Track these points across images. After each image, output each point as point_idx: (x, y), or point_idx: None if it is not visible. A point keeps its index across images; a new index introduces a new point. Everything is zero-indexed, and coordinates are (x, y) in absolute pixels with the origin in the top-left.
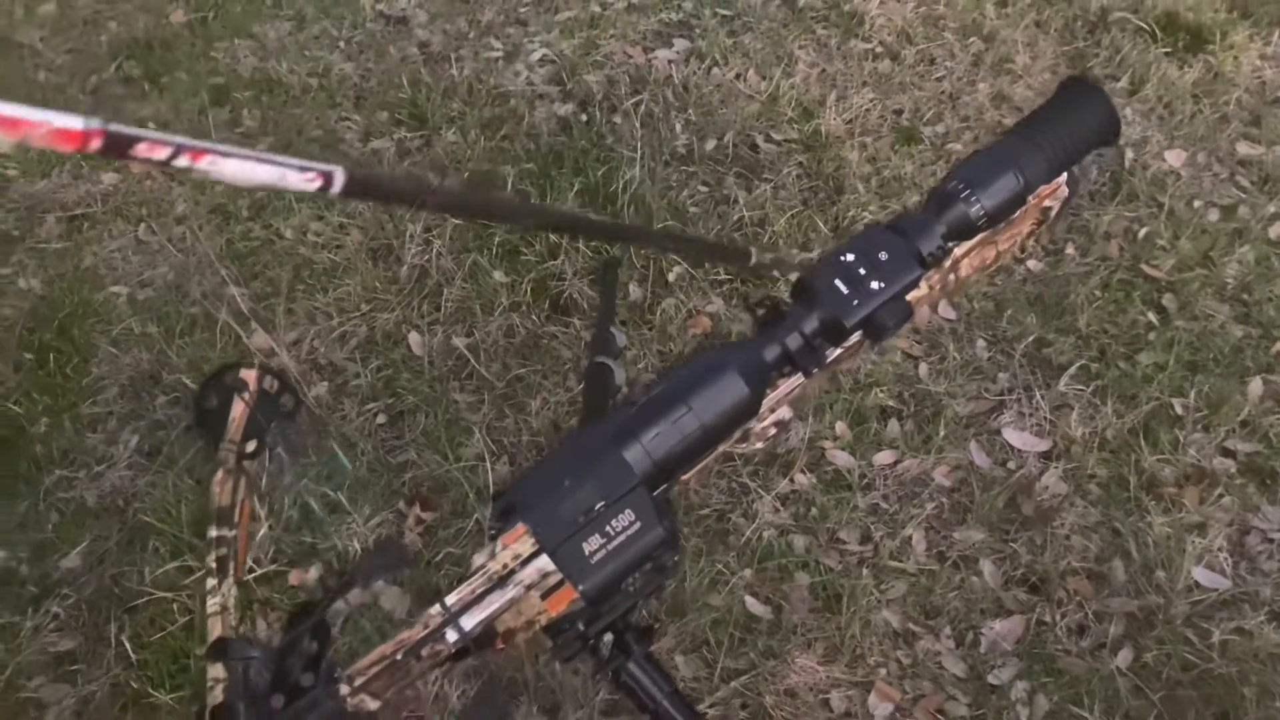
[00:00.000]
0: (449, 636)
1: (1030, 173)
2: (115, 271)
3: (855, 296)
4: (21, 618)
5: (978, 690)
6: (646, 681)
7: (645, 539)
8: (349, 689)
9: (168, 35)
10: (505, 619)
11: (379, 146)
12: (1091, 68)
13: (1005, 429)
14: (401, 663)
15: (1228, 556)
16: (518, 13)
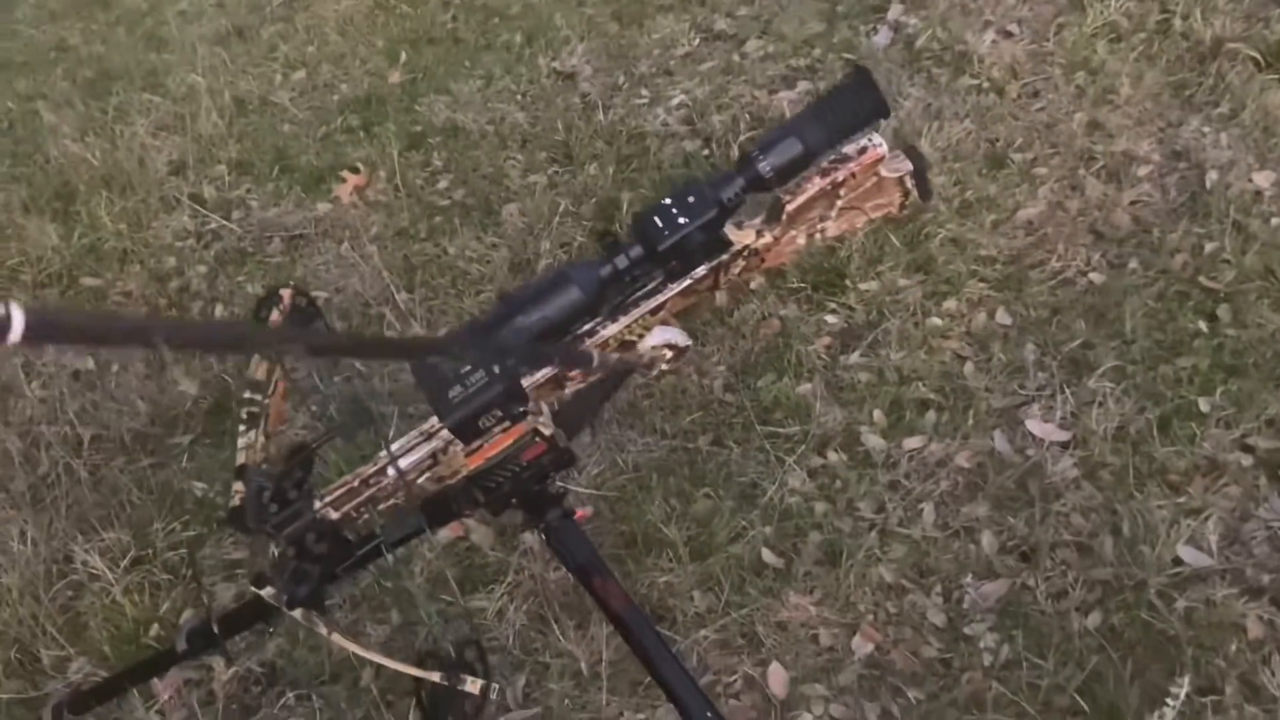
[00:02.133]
0: (389, 473)
1: (810, 140)
2: (320, 280)
3: (666, 229)
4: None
5: (952, 638)
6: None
7: (492, 389)
8: (320, 503)
9: (384, 92)
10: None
11: (535, 180)
12: (1193, 95)
13: (1029, 420)
14: (357, 489)
15: (1219, 539)
16: (667, 65)
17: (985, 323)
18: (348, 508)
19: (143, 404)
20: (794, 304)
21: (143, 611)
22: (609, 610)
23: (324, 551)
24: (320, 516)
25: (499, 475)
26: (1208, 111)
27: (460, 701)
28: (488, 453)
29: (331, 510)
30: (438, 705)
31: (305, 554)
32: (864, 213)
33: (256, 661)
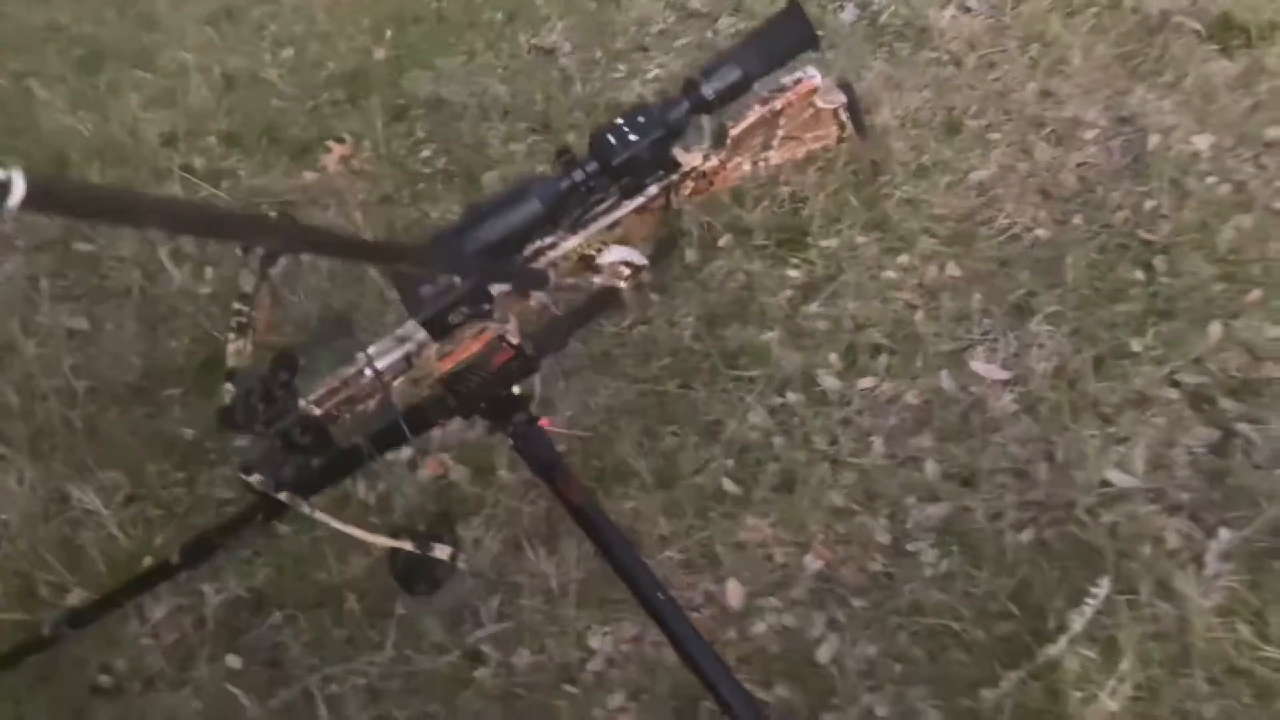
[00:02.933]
0: (367, 374)
1: (748, 66)
2: None
3: (620, 146)
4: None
5: (896, 555)
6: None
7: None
8: (305, 401)
9: (370, 68)
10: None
11: (515, 148)
12: (1139, 65)
13: (973, 361)
14: (338, 388)
15: (1145, 463)
16: (643, 41)
17: (936, 275)
18: (329, 405)
19: (136, 359)
20: (759, 260)
21: (137, 545)
22: (569, 505)
23: (309, 443)
24: (304, 413)
25: (469, 379)
26: (1152, 80)
27: (431, 568)
28: (458, 356)
29: (315, 407)
30: (411, 573)
31: (291, 445)
32: (804, 143)
33: (245, 588)
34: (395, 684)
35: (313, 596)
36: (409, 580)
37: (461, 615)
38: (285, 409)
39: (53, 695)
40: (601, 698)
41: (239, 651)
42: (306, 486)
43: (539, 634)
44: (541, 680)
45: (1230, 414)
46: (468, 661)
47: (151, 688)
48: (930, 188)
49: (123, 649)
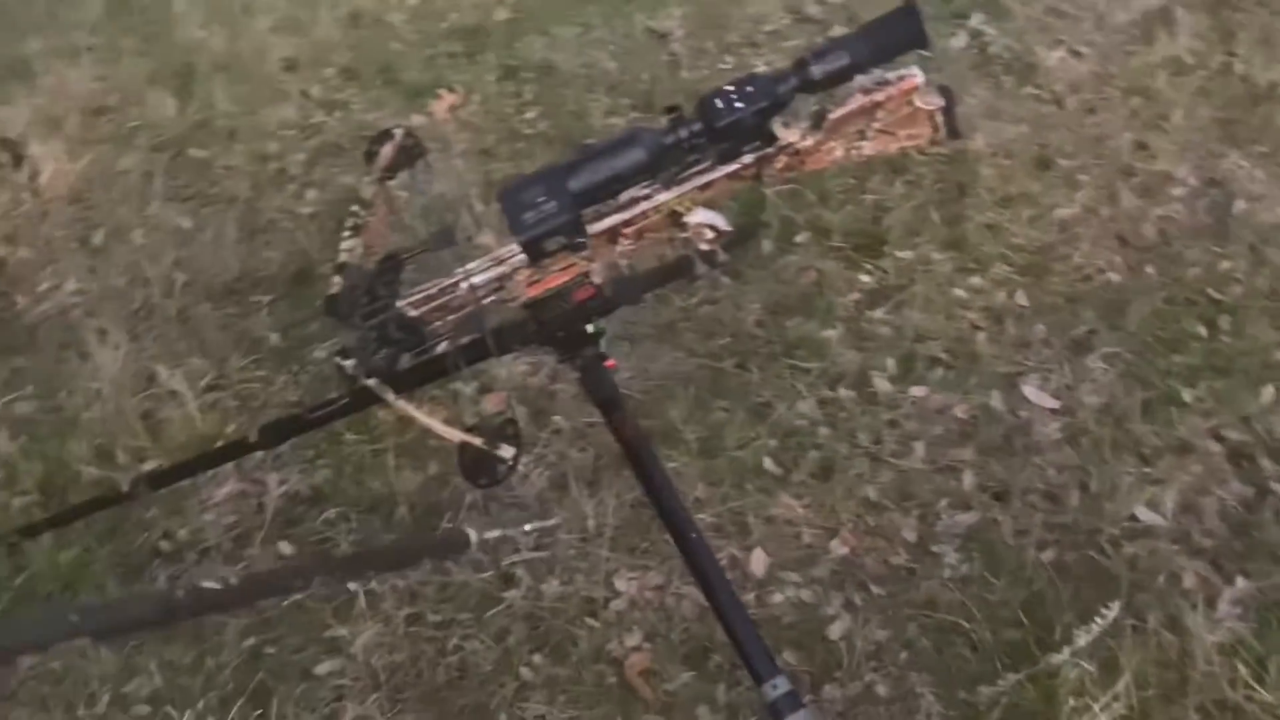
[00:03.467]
0: (462, 286)
1: (856, 54)
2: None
3: (726, 111)
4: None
5: (920, 553)
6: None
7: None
8: (404, 302)
9: (489, 26)
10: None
11: (614, 122)
12: (1238, 132)
13: (1026, 386)
14: (435, 295)
15: (1175, 506)
16: (755, 38)
17: (1004, 301)
18: (425, 309)
19: (234, 262)
20: (834, 260)
21: (212, 428)
22: (621, 438)
23: (401, 339)
24: (401, 312)
25: (551, 308)
26: (1249, 148)
27: (494, 465)
28: (545, 285)
29: (412, 309)
30: (477, 466)
31: (385, 339)
32: (897, 139)
33: (306, 484)
34: (431, 590)
35: (366, 501)
36: (473, 472)
37: (500, 542)
38: (385, 306)
39: (118, 550)
40: (619, 634)
41: (291, 540)
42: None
43: (570, 568)
44: (566, 609)
45: (1268, 474)
46: (500, 581)
47: (206, 558)
48: (1013, 217)
49: (185, 520)
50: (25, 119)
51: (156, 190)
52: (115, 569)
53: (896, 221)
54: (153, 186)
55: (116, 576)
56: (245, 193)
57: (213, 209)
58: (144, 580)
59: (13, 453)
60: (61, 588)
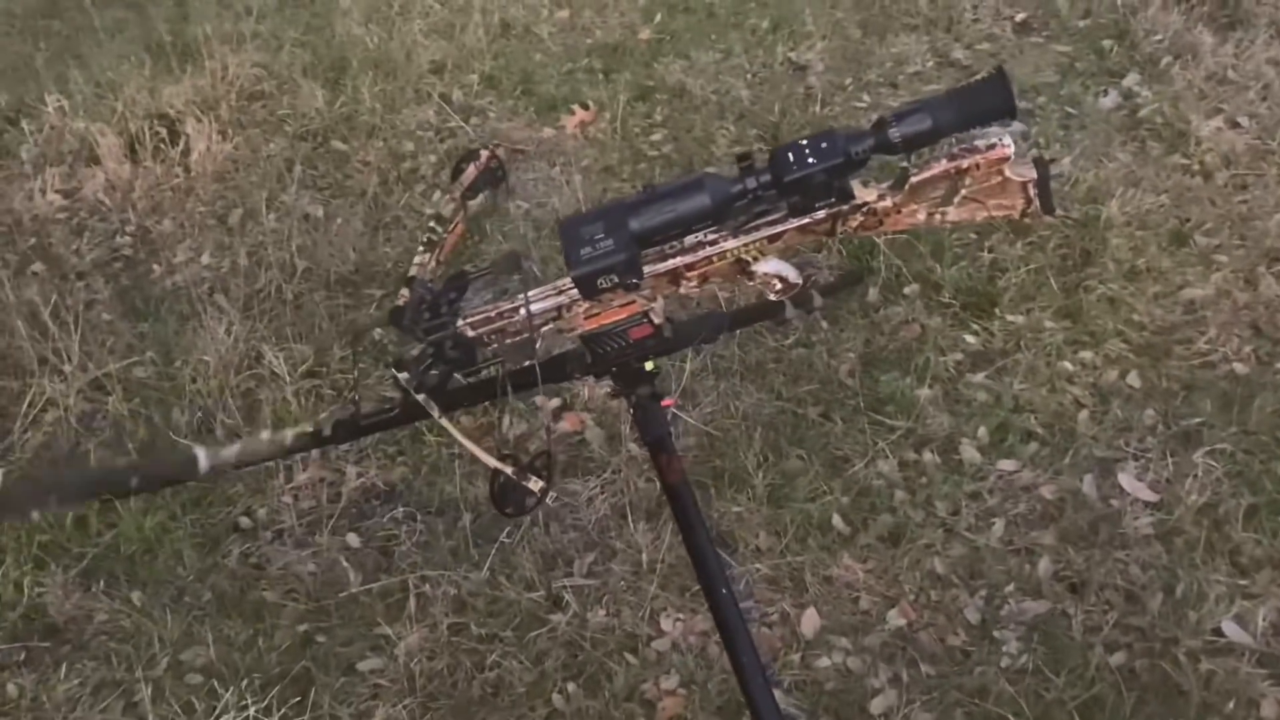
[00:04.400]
0: (521, 312)
1: (939, 119)
2: (526, 191)
3: (796, 164)
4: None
5: (980, 636)
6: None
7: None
8: (462, 321)
9: (631, 46)
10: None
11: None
12: None
13: (1123, 474)
14: (493, 318)
15: (1266, 625)
16: (895, 78)
17: (1114, 380)
18: (482, 330)
19: (353, 254)
20: (939, 316)
21: (304, 414)
22: (665, 481)
23: (456, 358)
24: (460, 331)
25: (606, 343)
26: None
27: (522, 495)
28: (602, 320)
29: (470, 329)
30: (505, 494)
31: (440, 355)
32: (985, 208)
33: (382, 480)
34: (480, 602)
35: (435, 503)
36: (501, 499)
37: (555, 561)
38: (445, 323)
39: (200, 521)
40: (656, 675)
41: (359, 532)
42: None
43: (618, 599)
44: (607, 641)
45: None
46: (548, 603)
47: (279, 539)
48: (1137, 293)
49: (266, 499)
50: (186, 98)
51: (294, 177)
52: (193, 538)
53: (1011, 284)
54: (292, 173)
55: (194, 546)
56: (375, 188)
57: (343, 200)
58: (218, 554)
59: (124, 414)
60: (144, 550)
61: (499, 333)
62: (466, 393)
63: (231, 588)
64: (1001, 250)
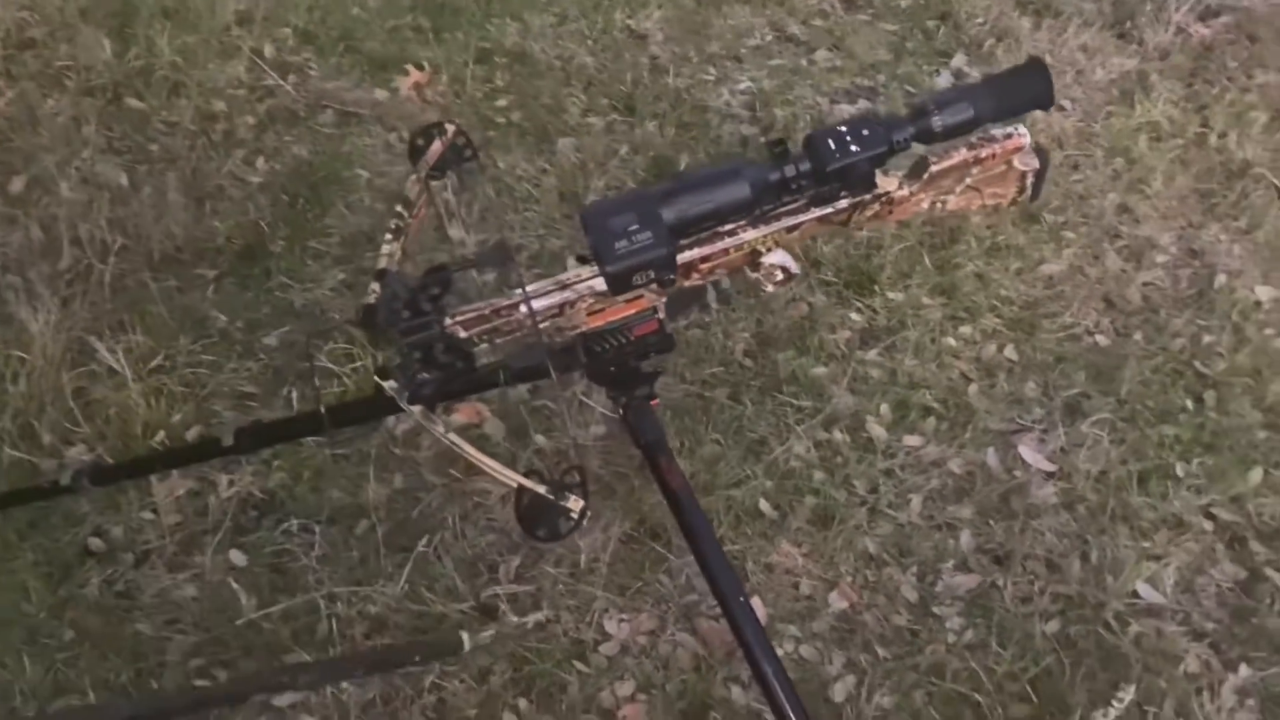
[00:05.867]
0: (520, 310)
1: (980, 109)
2: (364, 160)
3: (839, 152)
4: (226, 362)
5: (922, 614)
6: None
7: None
8: (450, 321)
9: (459, 4)
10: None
11: (593, 121)
12: (1216, 205)
13: (1022, 446)
14: (488, 316)
15: (1173, 584)
16: (738, 52)
17: (994, 354)
18: (475, 330)
19: (177, 229)
20: (824, 294)
21: (155, 416)
22: (667, 487)
23: (449, 362)
24: (450, 332)
25: (608, 341)
26: (1227, 222)
27: (556, 517)
28: (607, 317)
29: (461, 329)
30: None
31: (432, 361)
32: (981, 196)
33: (259, 488)
34: (403, 618)
35: (326, 511)
36: (531, 523)
37: (478, 568)
38: (431, 322)
39: (42, 546)
40: (610, 682)
41: (244, 549)
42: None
43: (557, 605)
44: (553, 651)
45: (1260, 558)
46: (480, 614)
47: (146, 563)
48: (1001, 269)
49: (121, 516)
50: None
51: (87, 139)
52: (37, 567)
53: (887, 261)
54: (81, 135)
55: (39, 577)
56: (188, 154)
57: (151, 167)
58: (73, 584)
59: None
60: None
61: (493, 332)
62: (449, 386)
63: (97, 622)
64: (873, 228)
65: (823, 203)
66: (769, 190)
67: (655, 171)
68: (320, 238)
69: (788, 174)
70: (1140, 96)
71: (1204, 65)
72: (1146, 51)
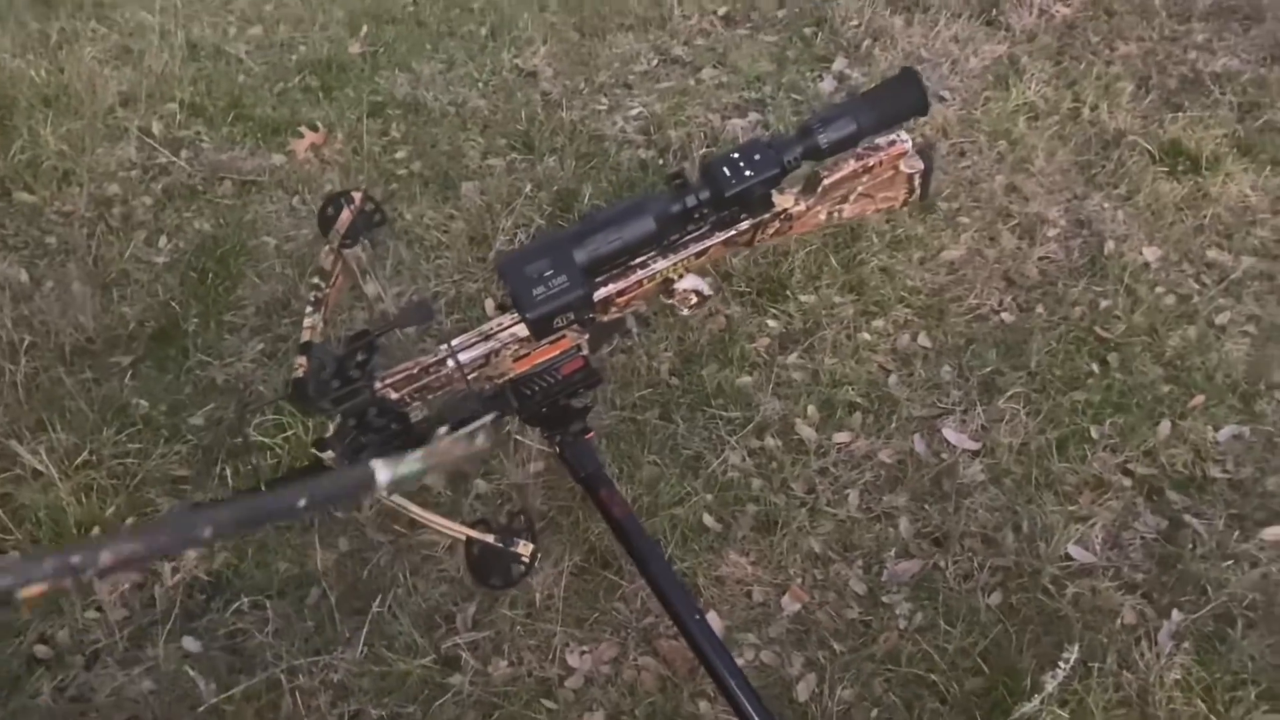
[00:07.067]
0: (449, 364)
1: (863, 122)
2: (269, 226)
3: (734, 178)
4: (154, 448)
5: (872, 604)
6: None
7: (571, 294)
8: (380, 384)
9: (344, 60)
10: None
11: (494, 163)
12: (1096, 175)
13: (945, 429)
14: (416, 375)
15: (1101, 542)
16: (626, 79)
17: (908, 343)
18: (406, 390)
19: (86, 320)
20: (739, 305)
21: (87, 513)
22: (611, 517)
23: (384, 425)
24: (381, 395)
25: (537, 383)
26: (1109, 190)
27: (508, 564)
28: (533, 360)
29: (392, 391)
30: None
31: (366, 426)
32: (874, 202)
33: (204, 571)
34: (366, 682)
35: (274, 585)
36: (484, 573)
37: (435, 620)
38: (361, 389)
39: None
40: (580, 715)
41: (196, 635)
42: None
43: (517, 645)
44: (519, 692)
45: (1177, 506)
46: (442, 666)
47: (98, 663)
48: (905, 260)
49: (65, 620)
50: None
51: None
52: None
53: (795, 266)
54: None
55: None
56: (87, 242)
57: (51, 260)
58: (25, 695)
59: None
60: None
61: (423, 389)
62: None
63: None
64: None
65: (726, 226)
66: (673, 221)
67: (561, 205)
68: (234, 310)
69: (689, 204)
70: (1014, 79)
71: (1069, 43)
72: (1015, 36)
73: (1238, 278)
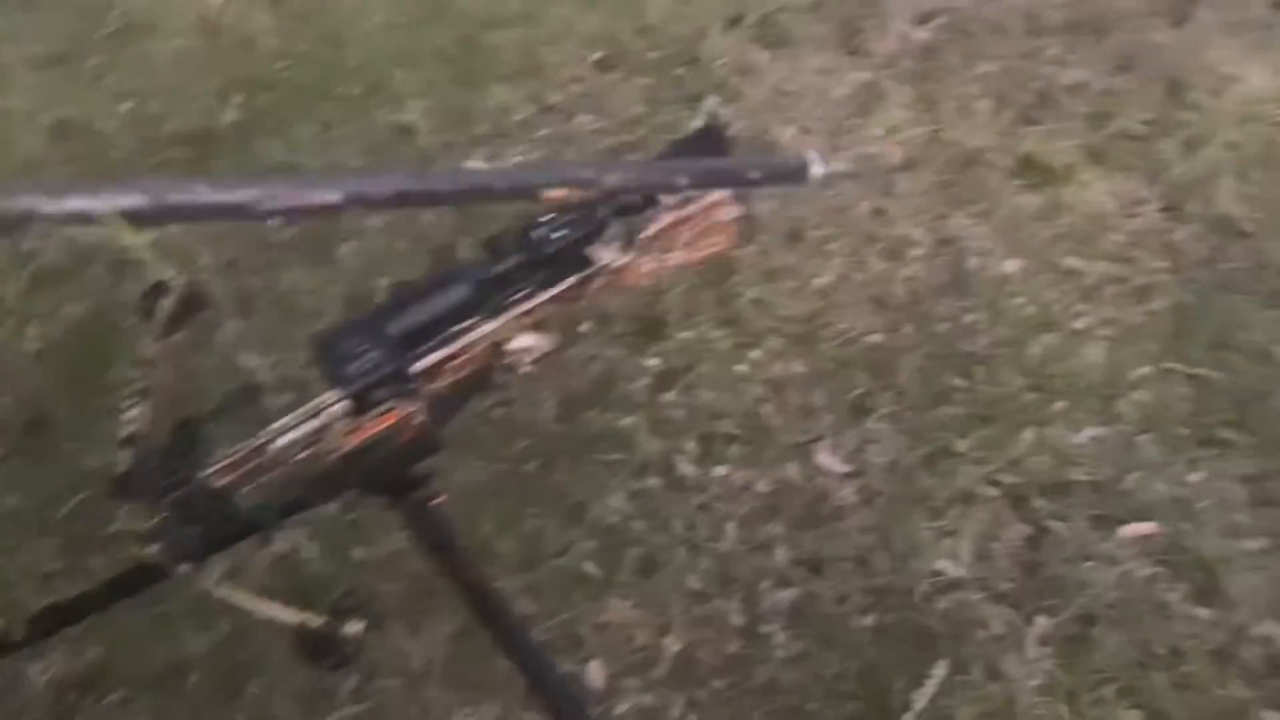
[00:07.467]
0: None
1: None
2: None
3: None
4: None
5: (750, 636)
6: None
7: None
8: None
9: (218, 130)
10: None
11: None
12: (958, 193)
13: (818, 454)
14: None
15: (970, 555)
16: (505, 129)
17: (782, 371)
18: (233, 476)
19: None
20: (618, 347)
21: None
22: (462, 583)
23: (209, 515)
24: (205, 485)
25: (372, 456)
26: (969, 208)
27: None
28: (366, 433)
29: (218, 478)
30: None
31: (192, 517)
32: (699, 249)
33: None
34: None
35: (150, 675)
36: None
37: (315, 696)
38: (185, 479)
39: None
40: None
41: None
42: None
43: (401, 717)
44: None
45: (1042, 512)
46: None
47: None
48: (777, 290)
49: None
50: None
51: None
52: None
53: (672, 304)
54: None
55: None
56: None
57: None
58: None
59: None
60: None
61: (252, 474)
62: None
63: None
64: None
65: (549, 286)
66: (491, 285)
67: (439, 260)
68: (108, 394)
69: (504, 268)
70: (876, 106)
71: (930, 66)
72: (876, 63)
73: (1094, 283)
